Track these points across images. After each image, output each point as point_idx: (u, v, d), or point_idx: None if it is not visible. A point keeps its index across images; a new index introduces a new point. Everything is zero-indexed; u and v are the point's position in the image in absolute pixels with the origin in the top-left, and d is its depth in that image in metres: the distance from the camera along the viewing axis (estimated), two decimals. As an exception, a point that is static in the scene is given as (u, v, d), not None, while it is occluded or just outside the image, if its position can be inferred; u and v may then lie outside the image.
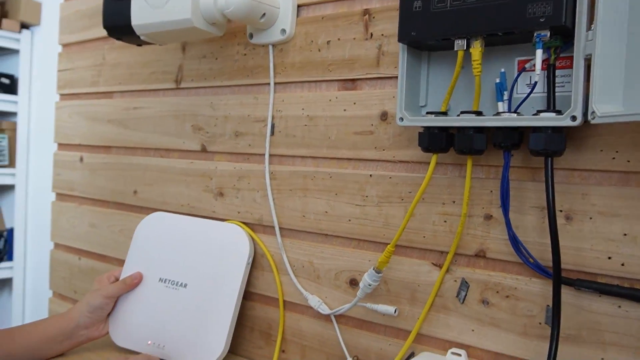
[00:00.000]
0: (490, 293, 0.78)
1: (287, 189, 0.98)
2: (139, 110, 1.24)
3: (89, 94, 1.37)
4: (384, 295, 0.87)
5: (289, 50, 0.98)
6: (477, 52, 0.70)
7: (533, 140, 0.68)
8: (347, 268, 0.91)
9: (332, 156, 0.93)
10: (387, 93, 0.87)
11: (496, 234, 0.77)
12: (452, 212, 0.81)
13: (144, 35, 0.96)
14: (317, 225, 0.95)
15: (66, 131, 1.42)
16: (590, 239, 0.70)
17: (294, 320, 0.98)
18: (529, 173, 0.74)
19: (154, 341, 1.00)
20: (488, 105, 0.75)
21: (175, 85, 1.16)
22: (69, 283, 1.42)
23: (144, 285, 1.05)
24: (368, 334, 0.90)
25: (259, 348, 1.03)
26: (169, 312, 1.01)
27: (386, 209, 0.87)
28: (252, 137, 1.03)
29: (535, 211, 0.74)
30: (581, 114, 0.64)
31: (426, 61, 0.80)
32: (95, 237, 1.34)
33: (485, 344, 0.78)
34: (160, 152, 1.20)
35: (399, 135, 0.86)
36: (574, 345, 0.71)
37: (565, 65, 0.69)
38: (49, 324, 0.99)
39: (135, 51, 1.24)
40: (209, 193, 1.10)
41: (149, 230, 1.10)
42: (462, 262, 0.81)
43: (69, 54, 1.42)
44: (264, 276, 1.02)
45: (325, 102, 0.94)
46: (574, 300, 0.71)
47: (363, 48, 0.89)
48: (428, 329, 0.84)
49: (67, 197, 1.43)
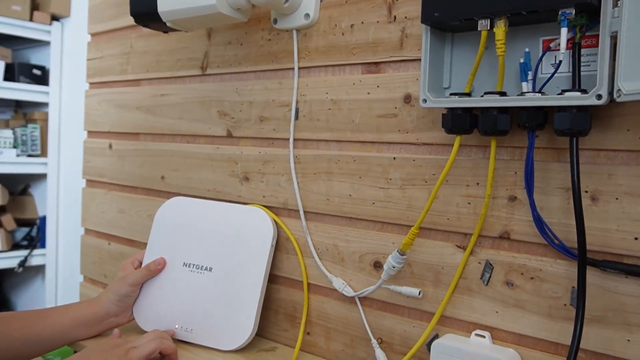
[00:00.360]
0: (515, 275, 0.78)
1: (312, 172, 0.99)
2: (165, 97, 1.25)
3: (118, 82, 1.39)
4: (407, 277, 0.88)
5: (312, 35, 0.98)
6: (501, 31, 0.69)
7: (558, 120, 0.67)
8: (371, 251, 0.92)
9: (356, 139, 0.93)
10: (410, 75, 0.87)
11: (520, 215, 0.77)
12: (476, 194, 0.81)
13: (170, 21, 0.97)
14: (341, 208, 0.95)
15: (95, 119, 1.45)
16: (616, 219, 0.69)
17: (318, 303, 0.99)
18: (554, 154, 0.74)
19: (182, 325, 1.02)
20: (512, 85, 0.74)
21: (201, 72, 1.18)
22: (99, 268, 1.45)
23: (169, 271, 1.06)
24: (392, 316, 0.90)
25: (284, 330, 1.04)
26: (196, 296, 1.02)
27: (410, 192, 0.87)
28: (277, 121, 1.04)
29: (560, 192, 0.73)
30: (607, 93, 0.63)
31: (450, 42, 0.80)
32: (124, 223, 1.36)
33: (510, 325, 0.78)
34: (187, 138, 1.22)
35: (423, 117, 0.85)
36: (599, 327, 0.71)
37: (591, 43, 0.68)
38: (80, 308, 1.01)
39: (162, 39, 1.26)
40: (234, 178, 1.11)
41: (169, 215, 1.11)
42: (486, 244, 0.81)
43: (98, 43, 1.44)
44: (289, 259, 1.03)
45: (348, 86, 0.94)
46: (600, 281, 0.71)
47: (386, 31, 0.89)
48: (452, 311, 0.84)
49: (97, 184, 1.46)
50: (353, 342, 0.95)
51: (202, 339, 1.00)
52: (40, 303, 2.74)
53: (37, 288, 2.81)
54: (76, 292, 1.54)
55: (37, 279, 2.80)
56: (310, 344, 1.00)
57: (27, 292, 2.87)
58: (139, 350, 0.88)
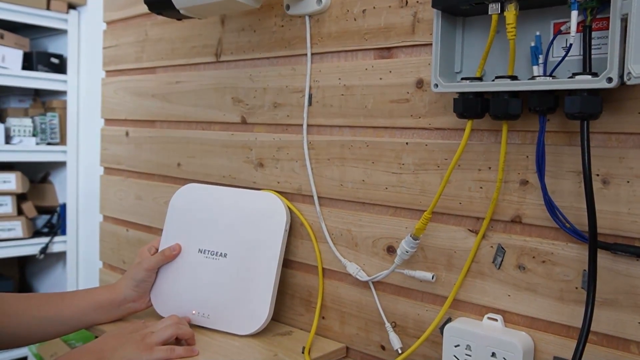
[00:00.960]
0: (527, 258, 0.78)
1: (325, 158, 1.00)
2: (181, 84, 1.27)
3: (133, 70, 1.40)
4: (420, 261, 0.88)
5: (325, 21, 0.99)
6: (512, 15, 0.69)
7: (569, 104, 0.67)
8: (385, 235, 0.93)
9: (369, 125, 0.94)
10: (422, 60, 0.87)
11: (532, 199, 0.77)
12: (488, 178, 0.81)
13: (183, 9, 0.98)
14: (355, 193, 0.96)
15: (112, 107, 1.47)
16: (627, 202, 0.69)
17: (333, 287, 1.00)
18: (565, 137, 0.74)
19: (199, 310, 1.03)
20: (523, 69, 0.74)
21: (216, 59, 1.18)
22: (117, 254, 1.47)
23: (184, 257, 1.07)
24: (405, 300, 0.91)
25: (299, 315, 1.05)
26: (211, 282, 1.04)
27: (422, 177, 0.88)
28: (291, 107, 1.05)
29: (571, 176, 0.73)
30: (617, 76, 0.63)
31: (461, 27, 0.80)
32: (141, 209, 1.38)
33: (522, 309, 0.79)
34: (202, 125, 1.23)
35: (435, 102, 0.86)
36: (610, 310, 0.71)
37: (602, 26, 0.68)
38: (99, 293, 1.03)
39: (176, 26, 1.27)
40: (249, 164, 1.12)
41: (183, 202, 1.12)
42: (498, 228, 0.81)
43: (114, 31, 1.45)
44: (304, 245, 1.04)
45: (361, 71, 0.94)
46: (611, 264, 0.71)
47: (398, 16, 0.89)
48: (465, 294, 0.84)
49: (114, 171, 1.48)
50: (367, 326, 0.96)
51: (219, 324, 1.02)
52: (62, 289, 2.78)
53: (59, 274, 2.85)
54: (96, 278, 1.57)
55: (58, 266, 2.85)
56: (325, 328, 1.02)
57: (48, 279, 2.92)
58: (157, 336, 0.90)
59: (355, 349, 0.98)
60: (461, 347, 0.80)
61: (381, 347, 0.94)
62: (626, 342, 0.71)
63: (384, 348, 0.94)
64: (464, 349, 0.79)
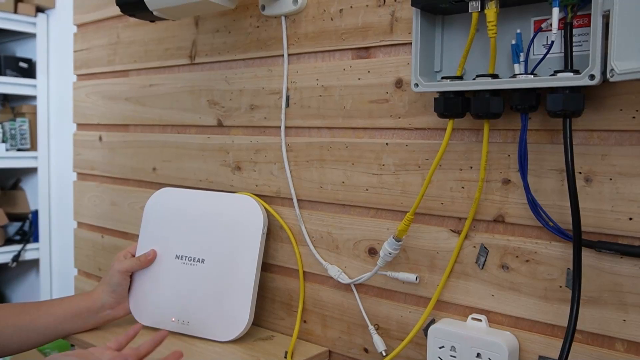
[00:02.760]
0: (510, 258, 0.77)
1: (304, 160, 0.98)
2: (155, 87, 1.24)
3: (106, 73, 1.37)
4: (403, 263, 0.87)
5: (301, 21, 0.97)
6: (492, 13, 0.68)
7: (551, 101, 0.67)
8: (366, 237, 0.91)
9: (348, 126, 0.93)
10: (401, 60, 0.86)
11: (515, 198, 0.77)
12: (470, 177, 0.80)
13: (156, 10, 0.96)
14: (335, 195, 0.95)
15: (85, 111, 1.44)
16: (610, 200, 0.69)
17: (314, 291, 0.99)
18: (547, 135, 0.73)
19: (178, 318, 1.01)
20: (504, 67, 0.74)
21: (190, 61, 1.16)
22: (93, 261, 1.44)
23: (161, 263, 1.05)
24: (388, 302, 0.90)
25: (280, 319, 1.04)
26: (190, 288, 1.02)
27: (403, 177, 0.87)
28: (268, 109, 1.03)
29: (554, 174, 0.73)
30: (600, 73, 0.62)
31: (440, 25, 0.79)
32: (116, 215, 1.35)
33: (506, 308, 0.78)
34: (177, 129, 1.21)
35: (415, 102, 0.85)
36: (595, 308, 0.71)
37: (583, 23, 0.67)
38: (75, 301, 1.01)
39: (149, 28, 1.24)
40: (226, 167, 1.11)
41: (158, 207, 1.10)
42: (480, 228, 0.80)
43: (84, 34, 1.42)
44: (283, 248, 1.02)
45: (339, 72, 0.93)
46: (595, 262, 0.70)
47: (376, 15, 0.88)
48: (448, 295, 0.84)
49: (88, 177, 1.45)
50: (350, 329, 0.94)
51: (199, 331, 1.00)
52: (35, 297, 2.73)
53: (32, 282, 2.80)
54: (71, 286, 1.53)
55: (31, 274, 2.80)
56: (307, 331, 1.00)
57: (21, 287, 2.86)
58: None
59: (338, 352, 0.96)
60: (445, 348, 0.79)
61: (364, 350, 0.93)
62: (611, 340, 0.70)
63: (367, 351, 0.93)
64: (449, 350, 0.79)
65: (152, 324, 1.04)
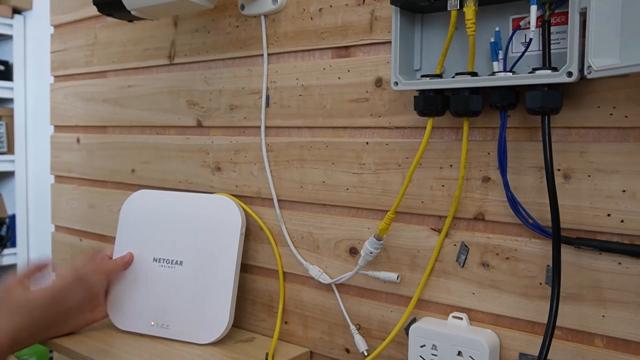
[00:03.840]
0: (490, 255, 0.78)
1: (284, 160, 0.98)
2: (133, 88, 1.23)
3: (83, 75, 1.36)
4: (383, 262, 0.87)
5: (281, 20, 0.97)
6: (471, 11, 0.69)
7: (529, 99, 0.67)
8: (347, 237, 0.91)
9: (328, 125, 0.92)
10: (381, 59, 0.86)
11: (495, 196, 0.77)
12: (450, 176, 0.80)
13: (134, 10, 0.95)
14: (315, 195, 0.94)
15: (62, 113, 1.42)
16: (589, 196, 0.69)
17: (295, 292, 0.98)
18: (527, 133, 0.74)
19: (157, 321, 1.00)
20: (483, 65, 0.74)
21: (169, 61, 1.15)
22: (70, 264, 1.42)
23: (139, 267, 1.04)
24: (369, 302, 0.90)
25: (261, 320, 1.03)
26: (168, 291, 1.01)
27: (383, 176, 0.87)
28: (247, 109, 1.02)
29: (533, 171, 0.73)
30: (577, 70, 0.63)
31: (420, 24, 0.79)
32: (95, 218, 1.34)
33: (486, 306, 0.78)
34: (157, 130, 1.20)
35: (395, 101, 0.85)
36: (575, 304, 0.71)
37: (561, 21, 0.68)
38: None
39: (128, 29, 1.23)
40: (206, 168, 1.10)
41: (134, 209, 1.08)
42: (461, 226, 0.80)
43: (61, 35, 1.40)
44: (264, 249, 1.01)
45: (319, 71, 0.93)
46: (574, 259, 0.71)
47: (356, 14, 0.88)
48: (429, 294, 0.83)
49: (66, 179, 1.43)
50: (331, 329, 0.94)
51: (179, 335, 0.99)
52: (13, 303, 2.69)
53: (9, 288, 2.75)
54: (48, 290, 1.51)
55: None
56: (288, 333, 0.99)
57: (-1, 293, 2.82)
58: None
59: (320, 353, 0.96)
60: (427, 347, 0.79)
61: (346, 350, 0.93)
62: (590, 336, 0.71)
63: (349, 351, 0.92)
64: (430, 349, 0.79)
65: (130, 329, 1.03)
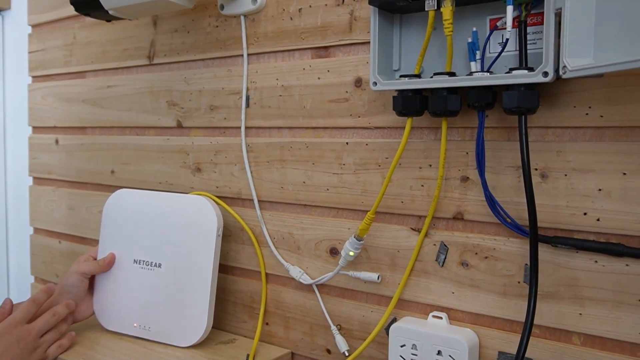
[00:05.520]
0: (469, 255, 0.78)
1: (265, 161, 0.97)
2: (112, 88, 1.22)
3: (62, 75, 1.34)
4: (364, 262, 0.87)
5: (261, 20, 0.97)
6: (448, 11, 0.69)
7: (506, 98, 0.67)
8: (327, 237, 0.91)
9: (308, 125, 0.92)
10: (360, 59, 0.86)
11: (473, 195, 0.77)
12: (429, 175, 0.81)
13: (112, 9, 0.94)
14: (296, 196, 0.94)
15: (40, 114, 1.40)
16: (565, 195, 0.70)
17: (276, 292, 0.98)
18: (504, 133, 0.74)
19: (140, 323, 1.00)
20: (461, 65, 0.74)
21: (149, 62, 1.15)
22: (50, 267, 1.41)
23: (120, 268, 1.04)
24: (350, 302, 0.90)
25: (242, 322, 1.03)
26: (149, 293, 1.00)
27: (363, 176, 0.87)
28: (228, 110, 1.02)
29: (511, 171, 0.74)
30: (553, 70, 0.63)
31: (398, 24, 0.79)
32: (74, 220, 1.33)
33: (466, 305, 0.79)
34: (136, 130, 1.19)
35: (374, 101, 0.85)
36: (553, 302, 0.72)
37: (537, 21, 0.68)
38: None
39: (107, 28, 1.22)
40: (186, 169, 1.09)
41: (115, 209, 1.07)
42: (440, 226, 0.81)
43: (39, 35, 1.39)
44: (245, 250, 1.01)
45: (299, 71, 0.93)
46: (552, 257, 0.71)
47: (335, 14, 0.88)
48: (409, 294, 0.84)
49: (45, 181, 1.41)
50: (312, 330, 0.94)
51: (160, 337, 0.98)
52: (-8, 306, 2.66)
53: (-12, 291, 2.72)
54: (27, 294, 1.49)
55: (-12, 282, 2.72)
56: (269, 334, 0.99)
57: (-23, 296, 2.78)
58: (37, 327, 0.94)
59: (301, 354, 0.96)
60: (407, 346, 0.79)
61: (327, 351, 0.92)
62: (568, 334, 0.71)
63: (330, 352, 0.92)
64: (410, 348, 0.79)
65: (115, 329, 1.03)
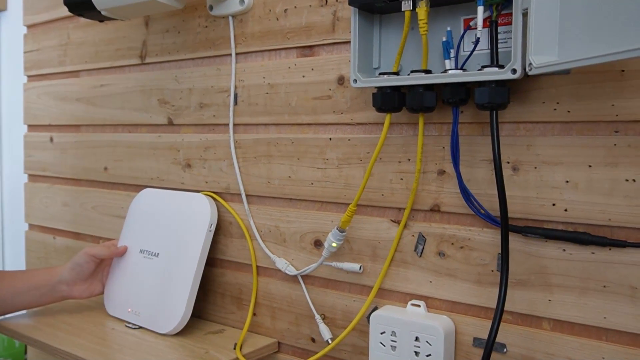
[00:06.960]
0: (446, 245, 0.81)
1: (252, 156, 1.01)
2: (106, 87, 1.25)
3: (56, 74, 1.37)
4: (347, 253, 0.91)
5: (248, 21, 1.00)
6: (423, 11, 0.72)
7: (478, 95, 0.71)
8: (312, 230, 0.94)
9: (293, 122, 0.96)
10: (343, 58, 0.89)
11: (449, 188, 0.80)
12: (408, 169, 0.84)
13: (104, 10, 0.97)
14: (282, 190, 0.97)
15: (35, 112, 1.43)
16: (535, 187, 0.73)
17: (263, 284, 1.01)
18: (478, 128, 0.78)
19: (133, 308, 1.05)
20: (437, 63, 0.78)
21: (141, 61, 1.18)
22: (45, 263, 1.44)
23: (129, 257, 1.10)
24: (334, 292, 0.93)
25: (231, 313, 1.06)
26: (143, 280, 1.06)
27: (346, 171, 0.90)
28: (217, 107, 1.05)
29: (485, 164, 0.77)
30: (521, 67, 0.67)
31: (378, 24, 0.83)
32: (68, 216, 1.36)
33: (443, 294, 0.82)
34: (129, 128, 1.22)
35: (356, 98, 0.88)
36: (523, 290, 0.75)
37: (507, 21, 0.72)
38: (37, 274, 1.04)
39: (100, 29, 1.25)
40: (177, 165, 1.12)
41: (137, 206, 1.14)
42: (418, 217, 0.84)
43: (35, 35, 1.42)
44: (234, 243, 1.04)
45: (284, 70, 0.96)
46: (523, 247, 0.75)
47: (319, 15, 0.91)
48: (389, 283, 0.87)
49: (40, 178, 1.44)
50: (297, 319, 0.97)
51: (146, 322, 1.03)
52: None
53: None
54: (22, 288, 1.52)
55: (-16, 281, 2.74)
56: (256, 324, 1.02)
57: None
58: None
59: (287, 343, 0.99)
60: (387, 333, 0.82)
61: (311, 340, 0.96)
62: (538, 320, 0.74)
63: (314, 340, 0.95)
64: (390, 335, 0.82)
65: (114, 314, 1.09)
